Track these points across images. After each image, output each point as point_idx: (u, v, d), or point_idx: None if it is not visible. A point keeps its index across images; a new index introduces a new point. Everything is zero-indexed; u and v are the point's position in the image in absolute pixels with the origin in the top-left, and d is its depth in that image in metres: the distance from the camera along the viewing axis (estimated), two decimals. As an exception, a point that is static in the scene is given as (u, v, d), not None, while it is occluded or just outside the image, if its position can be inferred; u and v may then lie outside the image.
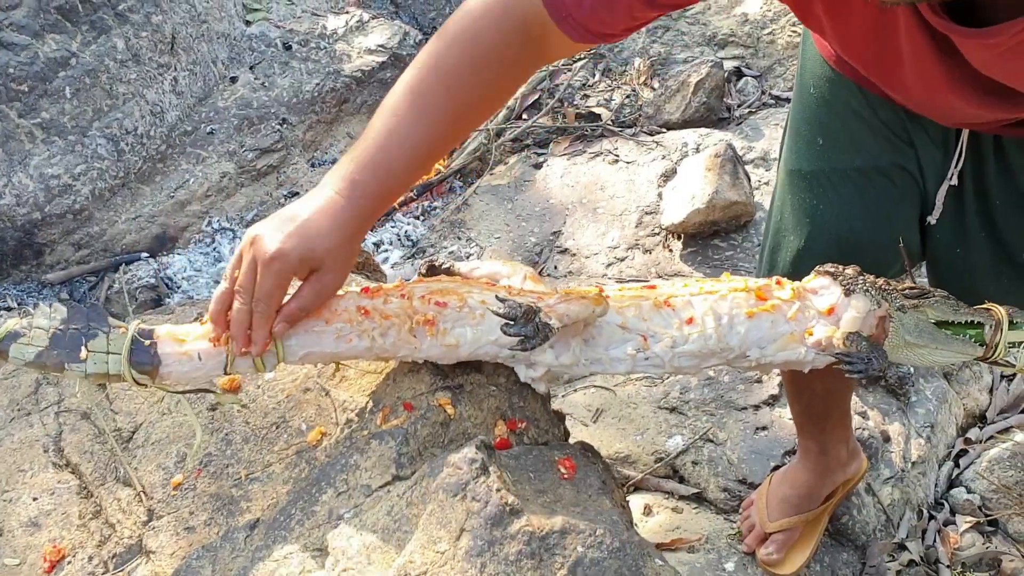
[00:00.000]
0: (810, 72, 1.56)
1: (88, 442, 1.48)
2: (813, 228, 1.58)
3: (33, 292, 3.01)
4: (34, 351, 1.24)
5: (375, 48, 3.75)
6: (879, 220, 1.56)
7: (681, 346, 1.26)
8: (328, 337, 1.26)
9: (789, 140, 1.63)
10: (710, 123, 3.42)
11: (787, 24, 3.62)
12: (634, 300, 1.29)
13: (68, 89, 3.05)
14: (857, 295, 1.26)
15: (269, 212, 3.42)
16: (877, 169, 1.52)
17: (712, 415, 2.41)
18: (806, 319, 1.28)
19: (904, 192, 1.54)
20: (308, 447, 1.32)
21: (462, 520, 1.10)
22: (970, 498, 2.34)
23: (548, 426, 1.36)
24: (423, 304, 1.25)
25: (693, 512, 2.29)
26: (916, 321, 1.25)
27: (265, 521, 1.25)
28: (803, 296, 1.29)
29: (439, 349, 1.27)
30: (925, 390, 2.48)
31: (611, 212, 3.10)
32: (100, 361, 1.24)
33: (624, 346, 1.27)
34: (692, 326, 1.27)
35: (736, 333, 1.26)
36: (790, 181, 1.61)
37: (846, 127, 1.53)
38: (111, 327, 1.26)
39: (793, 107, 1.63)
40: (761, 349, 1.28)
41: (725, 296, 1.28)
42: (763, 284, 1.31)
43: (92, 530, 1.36)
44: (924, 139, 1.49)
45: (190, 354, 1.25)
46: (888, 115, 1.49)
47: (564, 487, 1.22)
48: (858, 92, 1.50)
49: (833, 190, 1.56)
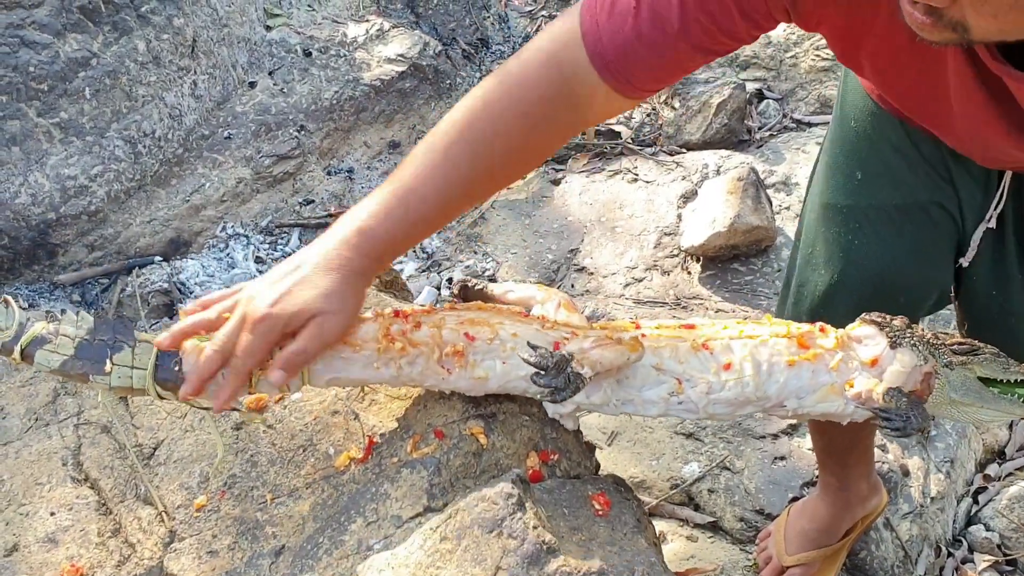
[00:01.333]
0: (851, 104, 1.54)
1: (108, 457, 1.46)
2: (846, 264, 1.55)
3: (45, 293, 2.99)
4: (59, 359, 1.24)
5: (395, 57, 3.73)
6: (915, 259, 1.53)
7: (717, 392, 1.23)
8: (355, 364, 1.24)
9: (825, 172, 1.60)
10: (730, 145, 3.41)
11: (810, 48, 3.60)
12: (671, 341, 1.25)
13: (88, 90, 3.02)
14: (903, 349, 1.23)
15: (284, 218, 3.41)
16: (916, 206, 1.50)
17: (729, 442, 2.38)
18: (848, 370, 1.24)
19: (942, 232, 1.52)
20: (336, 472, 1.29)
21: (498, 558, 1.07)
22: (989, 536, 2.31)
23: (580, 458, 1.34)
24: (453, 334, 1.23)
25: (708, 541, 2.26)
26: (963, 379, 1.22)
27: (291, 548, 1.22)
28: (847, 346, 1.26)
29: (467, 381, 1.25)
30: (945, 424, 2.45)
31: (630, 232, 3.08)
32: (124, 375, 1.24)
33: (658, 388, 1.24)
34: (729, 372, 1.23)
35: (775, 381, 1.23)
36: (824, 214, 1.58)
37: (886, 163, 1.50)
38: (137, 341, 1.24)
39: (830, 138, 1.60)
40: (800, 399, 1.25)
41: (766, 341, 1.25)
42: (806, 331, 1.27)
43: (111, 549, 1.33)
44: (966, 179, 1.47)
45: None
46: (931, 151, 1.47)
47: (599, 524, 1.20)
48: (900, 127, 1.47)
49: (870, 226, 1.53)
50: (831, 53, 3.52)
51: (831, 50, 1.29)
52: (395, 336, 1.23)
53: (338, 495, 1.26)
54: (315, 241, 1.23)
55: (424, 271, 3.20)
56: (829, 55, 3.55)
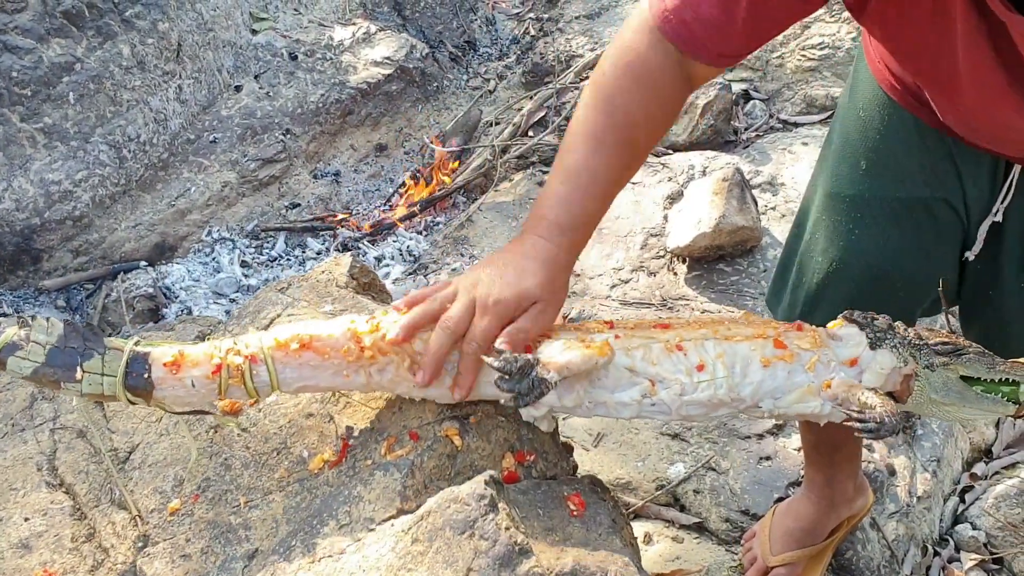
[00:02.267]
0: (861, 95, 1.53)
1: (83, 461, 1.44)
2: (846, 253, 1.54)
3: (30, 298, 2.98)
4: (31, 366, 1.23)
5: (381, 60, 3.73)
6: (914, 255, 1.52)
7: (690, 394, 1.22)
8: (325, 371, 1.24)
9: (829, 161, 1.59)
10: (717, 146, 3.40)
11: (796, 48, 3.60)
12: (644, 341, 1.24)
13: (72, 94, 3.02)
14: (883, 350, 1.22)
15: (270, 222, 3.40)
16: (919, 202, 1.49)
17: (715, 443, 2.37)
18: (826, 371, 1.23)
19: (944, 229, 1.50)
20: (310, 475, 1.29)
21: (469, 559, 1.06)
22: (975, 535, 2.30)
23: (557, 459, 1.33)
24: (422, 342, 1.22)
25: (694, 542, 2.25)
26: (944, 380, 1.21)
27: (264, 552, 1.22)
28: (824, 344, 1.25)
29: (438, 389, 1.25)
30: (931, 424, 2.45)
31: (616, 233, 3.07)
32: (95, 382, 1.24)
33: (631, 390, 1.22)
34: (702, 373, 1.22)
35: (749, 383, 1.22)
36: (827, 203, 1.57)
37: (893, 155, 1.49)
38: (107, 348, 1.24)
39: (837, 128, 1.59)
40: (775, 400, 1.23)
41: (740, 341, 1.24)
42: (783, 330, 1.26)
43: (85, 554, 1.32)
44: (973, 172, 1.46)
45: (184, 380, 1.23)
46: (938, 144, 1.46)
47: (574, 525, 1.19)
48: (910, 120, 1.46)
49: (871, 217, 1.52)
50: (817, 53, 3.53)
51: (849, 9, 1.28)
52: (365, 344, 1.22)
53: (312, 498, 1.25)
54: (514, 240, 1.31)
55: (411, 274, 3.19)
56: (815, 55, 3.55)
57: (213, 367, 1.23)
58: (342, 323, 1.25)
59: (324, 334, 1.24)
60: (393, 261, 3.26)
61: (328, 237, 3.39)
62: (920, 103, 1.43)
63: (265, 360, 1.23)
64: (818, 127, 3.45)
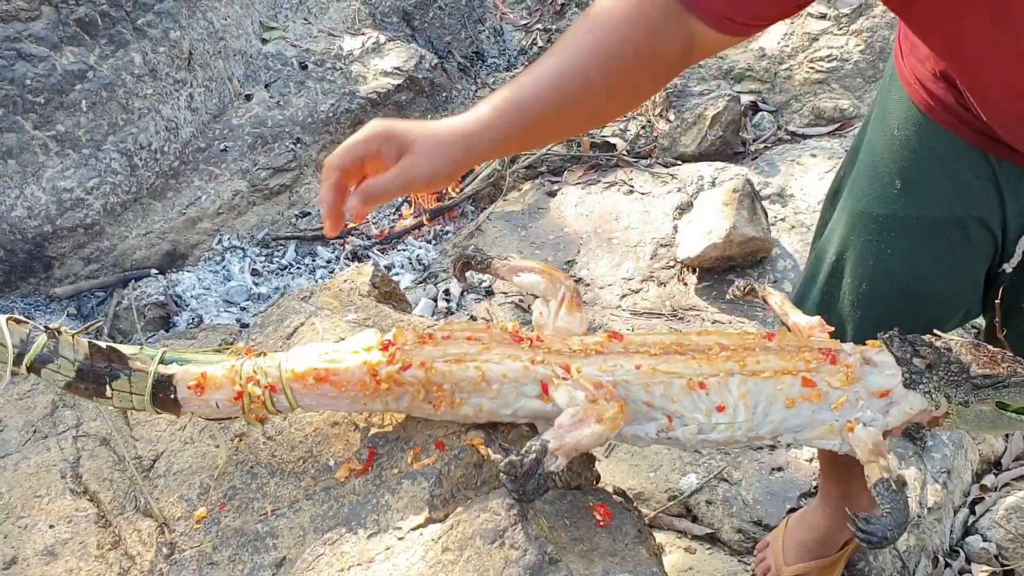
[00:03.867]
0: (895, 114, 1.52)
1: (107, 469, 1.45)
2: (878, 273, 1.54)
3: (41, 305, 2.98)
4: (63, 380, 1.28)
5: (391, 70, 3.74)
6: (946, 273, 1.52)
7: (707, 434, 1.22)
8: (342, 400, 1.27)
9: (860, 180, 1.58)
10: (725, 157, 3.41)
11: (804, 60, 3.62)
12: (666, 378, 1.23)
13: (84, 102, 3.03)
14: (916, 394, 1.21)
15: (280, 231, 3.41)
16: (954, 221, 1.49)
17: (727, 454, 2.38)
18: (853, 409, 1.22)
19: (976, 246, 1.50)
20: (336, 483, 1.29)
21: (500, 568, 1.07)
22: (986, 546, 2.31)
23: (581, 469, 1.34)
24: (439, 376, 1.23)
25: (706, 553, 2.26)
26: (978, 413, 1.21)
27: (292, 560, 1.22)
28: (856, 379, 1.23)
29: (454, 416, 1.27)
30: (941, 435, 2.45)
31: (626, 243, 3.09)
32: (125, 399, 1.29)
33: (647, 425, 1.23)
34: (723, 414, 1.21)
35: (769, 422, 1.21)
36: (859, 222, 1.56)
37: (929, 174, 1.49)
38: (132, 371, 1.27)
39: (868, 148, 1.58)
40: (795, 434, 1.23)
41: (767, 379, 1.22)
42: (816, 363, 1.22)
43: (111, 562, 1.33)
44: (1015, 187, 1.46)
45: (208, 402, 1.28)
46: (978, 162, 1.46)
47: (600, 535, 1.20)
48: (948, 137, 1.46)
49: (905, 237, 1.52)
50: (825, 66, 3.54)
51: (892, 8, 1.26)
52: (380, 378, 1.23)
53: (339, 506, 1.26)
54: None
55: (421, 283, 3.20)
56: (823, 68, 3.57)
57: (235, 392, 1.26)
58: (358, 356, 1.26)
59: (340, 368, 1.25)
60: (403, 270, 3.27)
61: (338, 246, 3.40)
62: (958, 119, 1.43)
63: (284, 390, 1.26)
64: (827, 139, 3.47)
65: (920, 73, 1.46)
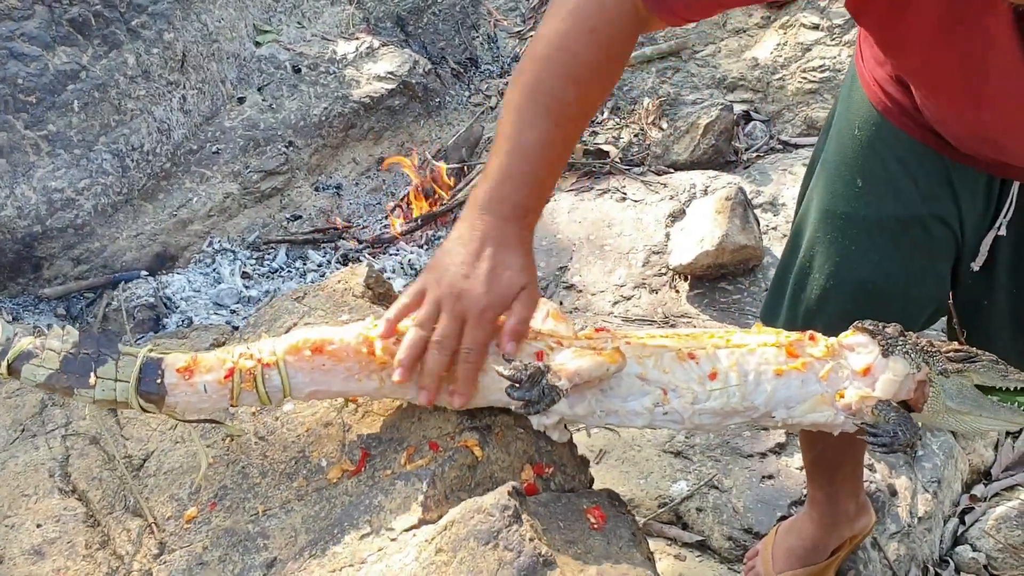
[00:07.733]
0: (855, 115, 1.55)
1: (96, 468, 1.44)
2: (841, 269, 1.57)
3: (30, 306, 2.96)
4: (45, 373, 1.24)
5: (384, 75, 3.74)
6: (910, 272, 1.55)
7: (703, 402, 1.22)
8: (336, 376, 1.25)
9: (824, 180, 1.61)
10: (718, 166, 3.42)
11: (797, 70, 3.63)
12: (655, 350, 1.24)
13: (76, 102, 3.01)
14: (896, 357, 1.22)
15: (271, 234, 3.39)
16: (915, 220, 1.51)
17: (717, 461, 2.38)
18: (839, 379, 1.23)
19: (938, 244, 1.53)
20: (329, 484, 1.28)
21: (494, 570, 1.06)
22: (976, 556, 2.31)
23: (575, 472, 1.33)
24: None
25: (696, 560, 2.26)
26: (959, 387, 1.21)
27: (283, 560, 1.21)
28: (837, 354, 1.25)
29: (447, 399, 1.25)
30: (932, 444, 2.46)
31: (618, 250, 3.09)
32: (108, 388, 1.24)
33: (642, 399, 1.22)
34: (715, 381, 1.22)
35: (762, 391, 1.22)
36: (824, 220, 1.59)
37: (888, 173, 1.51)
38: (121, 354, 1.25)
39: (830, 148, 1.61)
40: (788, 409, 1.23)
41: (753, 350, 1.23)
42: (795, 339, 1.26)
43: (99, 561, 1.31)
44: (969, 187, 1.48)
45: (196, 386, 1.24)
46: (931, 162, 1.48)
47: (594, 538, 1.19)
48: (905, 139, 1.49)
49: (867, 235, 1.54)
50: (818, 76, 3.56)
51: (851, 12, 1.30)
52: (375, 349, 1.22)
53: (331, 507, 1.25)
54: (463, 224, 1.25)
55: (412, 288, 3.19)
56: (816, 78, 3.59)
57: (225, 371, 1.24)
58: (355, 328, 1.26)
59: (336, 338, 1.25)
60: (394, 274, 3.27)
61: (329, 249, 3.39)
62: (914, 122, 1.46)
63: (277, 364, 1.24)
64: (818, 149, 3.48)
65: (878, 75, 1.49)
